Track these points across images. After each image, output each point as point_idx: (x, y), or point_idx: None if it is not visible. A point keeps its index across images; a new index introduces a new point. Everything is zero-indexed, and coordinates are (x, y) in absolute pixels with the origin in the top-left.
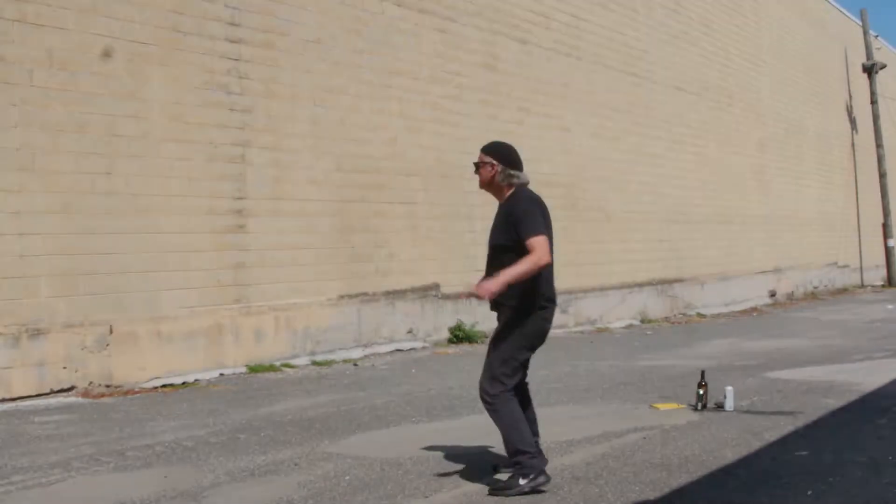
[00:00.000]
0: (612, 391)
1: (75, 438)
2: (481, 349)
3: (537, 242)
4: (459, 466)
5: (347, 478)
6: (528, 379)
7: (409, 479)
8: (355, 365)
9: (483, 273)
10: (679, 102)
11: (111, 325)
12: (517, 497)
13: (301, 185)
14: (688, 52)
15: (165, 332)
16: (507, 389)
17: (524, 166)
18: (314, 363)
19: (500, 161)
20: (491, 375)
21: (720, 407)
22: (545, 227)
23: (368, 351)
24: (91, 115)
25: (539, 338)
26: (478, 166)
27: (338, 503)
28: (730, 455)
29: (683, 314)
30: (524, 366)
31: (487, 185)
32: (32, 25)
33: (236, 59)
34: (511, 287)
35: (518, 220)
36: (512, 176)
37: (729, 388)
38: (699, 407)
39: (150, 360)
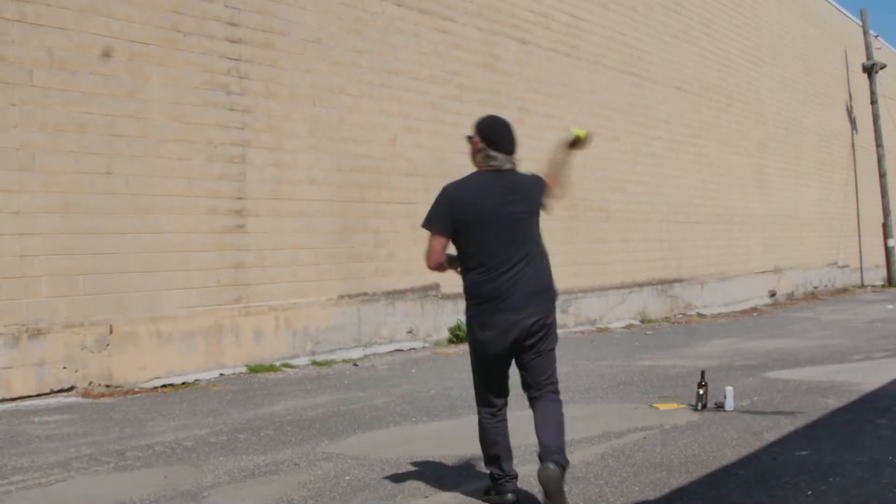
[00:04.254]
0: (612, 391)
1: (75, 438)
2: None
3: (428, 241)
4: (459, 466)
5: (347, 478)
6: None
7: (409, 479)
8: (355, 365)
9: None
10: (679, 102)
11: (111, 325)
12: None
13: (301, 185)
14: (688, 52)
15: (165, 332)
16: (480, 405)
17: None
18: (314, 363)
19: (480, 137)
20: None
21: (720, 407)
22: (447, 222)
23: (368, 351)
24: (91, 115)
25: (487, 345)
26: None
27: (338, 503)
28: (730, 455)
29: (683, 314)
30: (493, 378)
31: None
32: (32, 25)
33: (236, 59)
34: None
35: None
36: (491, 158)
37: (729, 388)
38: (699, 407)
39: (150, 360)
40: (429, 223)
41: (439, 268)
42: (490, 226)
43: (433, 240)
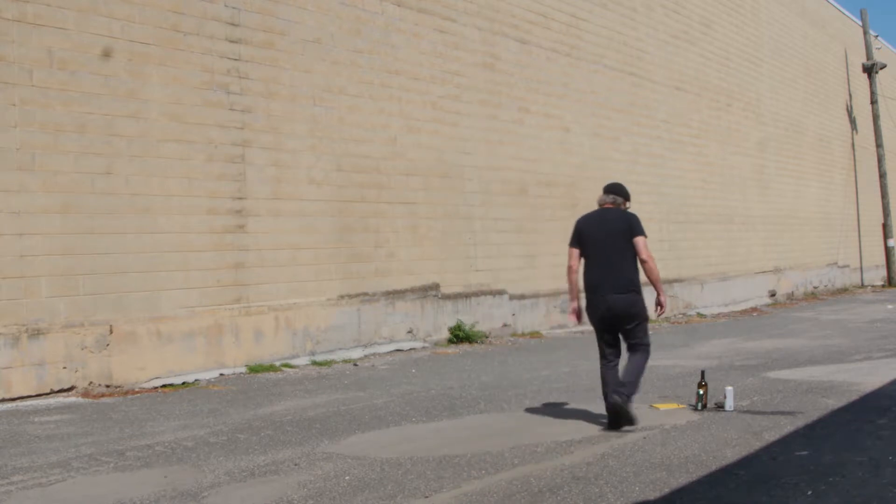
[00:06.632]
0: None
1: (75, 438)
2: (481, 349)
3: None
4: (459, 466)
5: (347, 478)
6: (618, 358)
7: (409, 479)
8: (355, 365)
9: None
10: (679, 102)
11: (111, 325)
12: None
13: (301, 185)
14: (688, 52)
15: (165, 332)
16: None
17: (520, 167)
18: (314, 363)
19: None
20: None
21: (720, 407)
22: (575, 239)
23: (368, 351)
24: (91, 115)
25: (590, 316)
26: None
27: (338, 503)
28: (730, 455)
29: (683, 314)
30: (602, 339)
31: None
32: (32, 25)
33: (236, 59)
34: None
35: None
36: (599, 198)
37: (729, 388)
38: (699, 407)
39: (150, 360)
40: (570, 241)
41: (571, 269)
42: (591, 239)
43: (570, 249)
